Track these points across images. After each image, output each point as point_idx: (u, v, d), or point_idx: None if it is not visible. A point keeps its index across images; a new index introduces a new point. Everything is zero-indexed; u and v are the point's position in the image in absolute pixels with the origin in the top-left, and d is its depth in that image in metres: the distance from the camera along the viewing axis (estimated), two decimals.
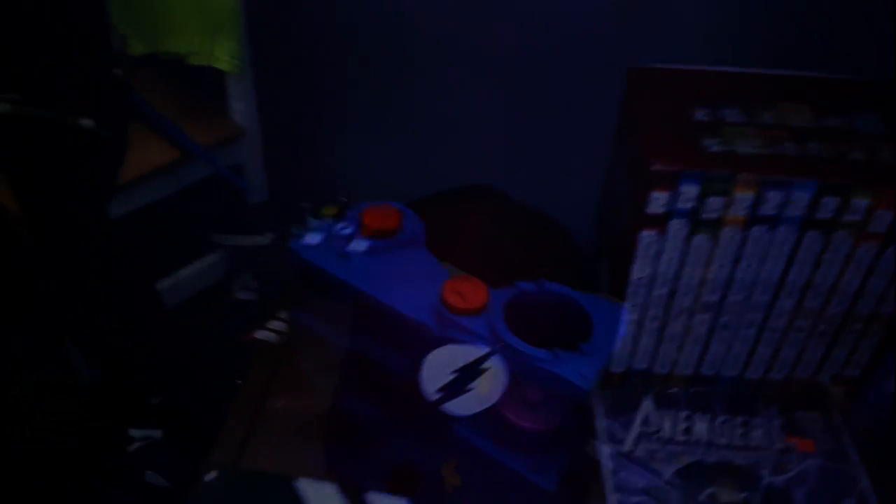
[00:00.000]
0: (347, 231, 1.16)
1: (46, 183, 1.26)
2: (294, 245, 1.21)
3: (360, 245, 1.13)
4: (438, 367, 0.83)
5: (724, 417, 0.92)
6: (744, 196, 0.75)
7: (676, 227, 0.79)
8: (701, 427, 0.91)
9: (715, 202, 0.76)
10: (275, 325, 1.54)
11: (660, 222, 0.79)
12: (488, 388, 0.79)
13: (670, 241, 0.80)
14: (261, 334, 1.54)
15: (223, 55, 1.34)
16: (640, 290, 0.86)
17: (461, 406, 0.80)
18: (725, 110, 0.80)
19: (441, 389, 0.81)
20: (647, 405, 0.94)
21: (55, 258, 1.25)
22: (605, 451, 0.90)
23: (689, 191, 0.75)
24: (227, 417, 1.01)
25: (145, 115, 1.42)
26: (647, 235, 0.81)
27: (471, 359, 0.81)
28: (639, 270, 0.84)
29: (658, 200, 0.77)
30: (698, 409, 0.94)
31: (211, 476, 0.85)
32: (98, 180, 1.29)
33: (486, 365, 0.78)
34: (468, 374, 0.80)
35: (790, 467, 0.88)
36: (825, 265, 0.79)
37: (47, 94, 1.35)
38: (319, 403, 1.07)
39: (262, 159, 1.56)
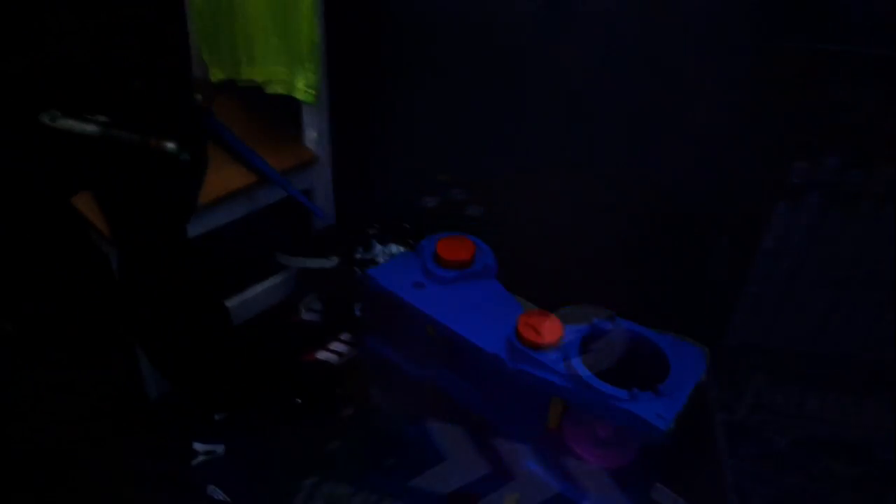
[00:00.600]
0: (421, 260, 1.19)
1: (131, 202, 1.33)
2: (370, 271, 1.24)
3: (434, 274, 1.15)
4: None
5: (836, 394, 0.91)
6: (884, 171, 0.74)
7: (813, 199, 0.79)
8: (814, 402, 0.90)
9: (855, 175, 0.75)
10: (337, 346, 1.57)
11: (797, 194, 0.80)
12: None
13: (805, 214, 0.80)
14: (322, 355, 1.58)
15: (302, 86, 1.39)
16: (766, 261, 0.86)
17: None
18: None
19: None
20: (760, 378, 0.94)
21: (136, 274, 1.31)
22: (717, 418, 0.91)
23: (831, 162, 0.75)
24: None
25: (224, 139, 1.48)
26: (782, 206, 0.81)
27: None
28: (768, 241, 0.84)
29: (799, 171, 0.78)
30: (812, 383, 0.93)
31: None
32: (179, 201, 1.35)
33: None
34: None
35: None
36: None
37: (133, 117, 1.43)
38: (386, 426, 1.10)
39: (331, 184, 1.61)
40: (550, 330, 0.87)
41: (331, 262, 1.54)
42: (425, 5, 1.40)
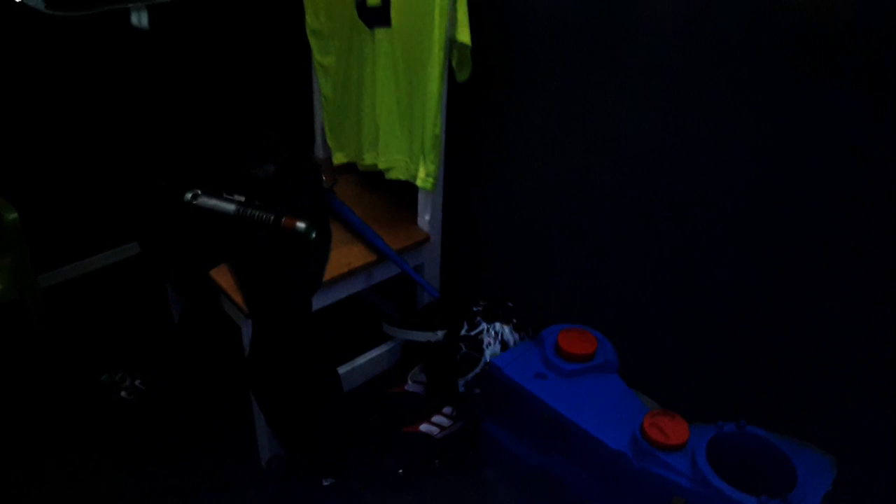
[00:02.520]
0: (542, 351, 1.24)
1: (264, 276, 1.44)
2: (494, 360, 1.30)
3: (556, 366, 1.19)
4: None
5: None
6: None
7: None
8: None
9: None
10: (439, 419, 1.62)
11: None
12: None
13: None
14: (425, 427, 1.64)
15: (423, 175, 1.50)
16: None
17: None
18: None
19: None
20: None
21: (265, 343, 1.41)
22: None
23: None
24: None
25: (346, 218, 1.60)
26: None
27: None
28: None
29: None
30: None
31: None
32: (307, 277, 1.45)
33: None
34: None
35: None
36: None
37: (267, 198, 1.57)
38: None
39: (439, 261, 1.69)
40: (677, 431, 0.90)
41: (436, 336, 1.60)
42: (535, 105, 1.49)
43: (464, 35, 1.37)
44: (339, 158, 1.78)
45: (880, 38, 0.98)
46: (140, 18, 1.72)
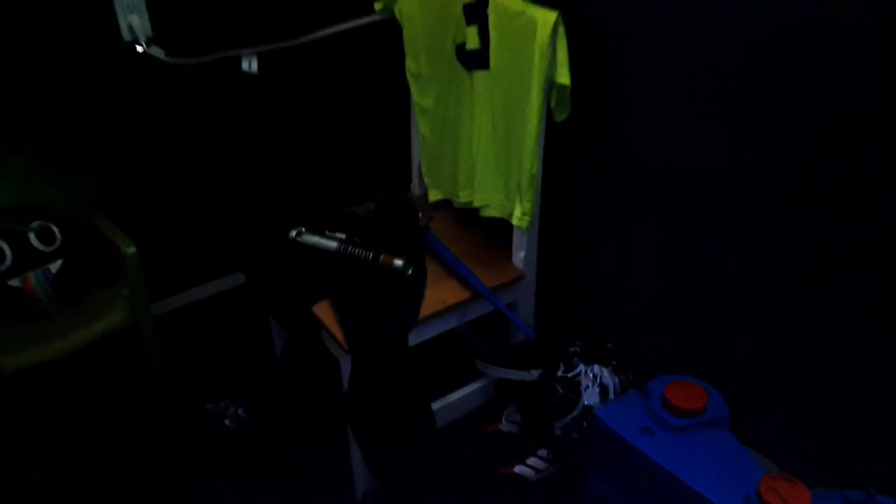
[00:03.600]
0: (649, 403, 1.21)
1: (364, 312, 1.47)
2: (597, 411, 1.28)
3: (664, 420, 1.14)
4: None
5: None
6: None
7: None
8: None
9: None
10: (534, 462, 1.60)
11: None
12: None
13: None
14: (520, 469, 1.62)
15: (519, 213, 1.50)
16: None
17: None
18: None
19: None
20: None
21: (364, 378, 1.44)
22: None
23: None
24: None
25: (441, 256, 1.62)
26: None
27: None
28: None
29: None
30: None
31: None
32: (404, 313, 1.48)
33: None
34: None
35: None
36: None
37: (366, 236, 1.61)
38: None
39: (533, 299, 1.68)
40: (798, 498, 0.84)
41: (531, 375, 1.59)
42: (635, 140, 1.47)
43: (563, 77, 1.37)
44: (434, 195, 1.81)
45: None
46: (250, 64, 1.82)
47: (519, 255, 1.62)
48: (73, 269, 1.68)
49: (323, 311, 1.50)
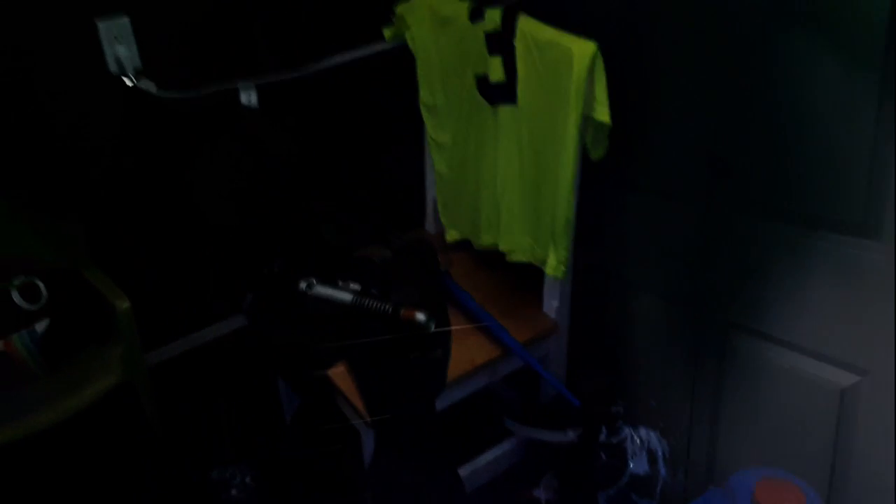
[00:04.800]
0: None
1: (385, 375, 1.33)
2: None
3: None
4: None
5: None
6: None
7: None
8: None
9: None
10: None
11: None
12: None
13: None
14: None
15: (553, 261, 1.36)
16: None
17: None
18: None
19: None
20: None
21: (388, 452, 1.30)
22: None
23: None
24: None
25: (466, 306, 1.48)
26: None
27: None
28: None
29: None
30: None
31: None
32: (430, 377, 1.34)
33: None
34: None
35: None
36: None
37: (384, 284, 1.47)
38: None
39: (565, 352, 1.54)
40: None
41: (567, 436, 1.45)
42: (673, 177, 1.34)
43: (603, 114, 1.23)
44: (452, 236, 1.67)
45: None
46: (249, 98, 1.68)
47: (552, 304, 1.48)
48: (61, 329, 1.54)
49: (339, 376, 1.36)
